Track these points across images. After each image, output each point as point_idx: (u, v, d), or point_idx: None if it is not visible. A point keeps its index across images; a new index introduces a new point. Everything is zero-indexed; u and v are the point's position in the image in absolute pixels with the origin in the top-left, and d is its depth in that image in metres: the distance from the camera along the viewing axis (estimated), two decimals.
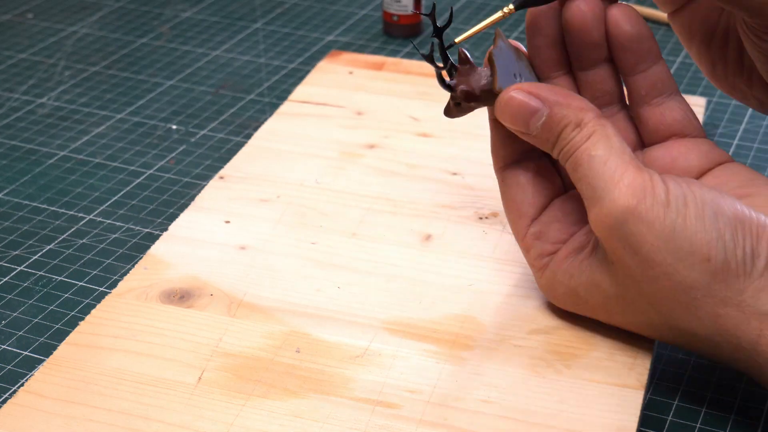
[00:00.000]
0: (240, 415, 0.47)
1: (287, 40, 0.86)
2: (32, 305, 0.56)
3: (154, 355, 0.50)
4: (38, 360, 0.52)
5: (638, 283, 0.46)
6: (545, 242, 0.51)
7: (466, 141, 0.67)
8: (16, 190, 0.66)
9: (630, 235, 0.45)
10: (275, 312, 0.53)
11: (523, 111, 0.48)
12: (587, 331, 0.51)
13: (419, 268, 0.56)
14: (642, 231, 0.45)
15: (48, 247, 0.60)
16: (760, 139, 0.71)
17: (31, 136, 0.72)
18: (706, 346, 0.47)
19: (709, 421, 0.49)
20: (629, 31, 0.50)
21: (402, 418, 0.47)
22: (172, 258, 0.56)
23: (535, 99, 0.48)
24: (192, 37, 0.87)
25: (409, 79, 0.74)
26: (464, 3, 0.93)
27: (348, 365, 0.49)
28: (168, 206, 0.64)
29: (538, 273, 0.51)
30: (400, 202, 0.61)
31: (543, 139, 0.48)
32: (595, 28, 0.50)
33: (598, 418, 0.47)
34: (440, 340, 0.51)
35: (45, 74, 0.81)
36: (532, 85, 0.49)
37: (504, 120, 0.49)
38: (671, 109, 0.51)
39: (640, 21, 0.50)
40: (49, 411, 0.47)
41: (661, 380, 0.51)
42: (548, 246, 0.51)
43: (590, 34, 0.50)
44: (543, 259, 0.51)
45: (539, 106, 0.48)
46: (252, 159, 0.65)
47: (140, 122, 0.74)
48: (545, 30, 0.51)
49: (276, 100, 0.76)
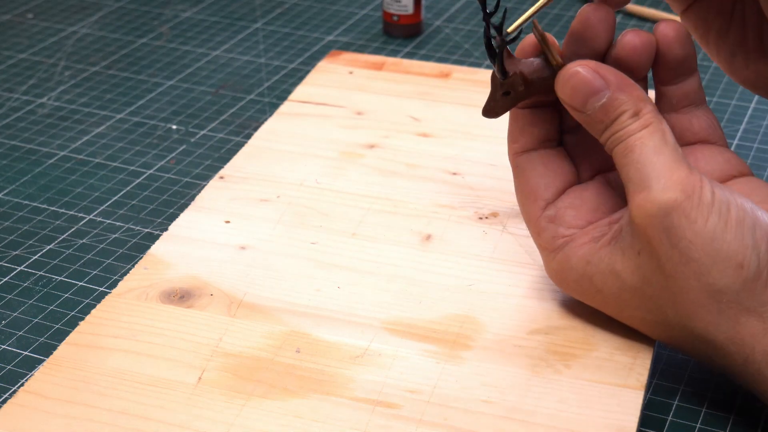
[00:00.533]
0: (240, 415, 0.47)
1: (287, 40, 0.86)
2: (32, 305, 0.56)
3: (154, 355, 0.50)
4: (38, 360, 0.52)
5: (666, 277, 0.46)
6: (560, 226, 0.50)
7: (466, 141, 0.67)
8: (16, 190, 0.66)
9: (672, 227, 0.45)
10: (275, 312, 0.53)
11: (586, 88, 0.48)
12: (587, 331, 0.51)
13: (419, 268, 0.56)
14: (683, 225, 0.45)
15: (48, 247, 0.60)
16: (760, 139, 0.71)
17: (31, 136, 0.72)
18: (716, 354, 0.46)
19: (709, 421, 0.49)
20: (679, 54, 0.50)
21: (402, 418, 0.47)
22: (172, 258, 0.56)
23: (600, 79, 0.48)
24: (192, 37, 0.87)
25: (409, 79, 0.74)
26: (464, 3, 0.93)
27: (348, 365, 0.49)
28: (168, 206, 0.64)
29: (550, 255, 0.51)
30: (400, 202, 0.61)
31: (596, 120, 0.48)
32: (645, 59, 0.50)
33: (598, 418, 0.47)
34: (440, 340, 0.51)
35: (45, 74, 0.81)
36: (597, 63, 0.48)
37: (563, 94, 0.48)
38: (698, 118, 0.51)
39: (689, 41, 0.50)
40: (49, 411, 0.47)
41: (661, 380, 0.51)
42: (563, 230, 0.50)
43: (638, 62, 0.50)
44: (557, 241, 0.50)
45: (603, 87, 0.47)
46: (252, 159, 0.65)
47: (140, 122, 0.74)
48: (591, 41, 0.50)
49: (276, 100, 0.76)
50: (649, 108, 0.47)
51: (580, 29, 0.50)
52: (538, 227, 0.51)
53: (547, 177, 0.51)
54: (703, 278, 0.45)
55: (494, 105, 0.50)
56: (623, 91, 0.47)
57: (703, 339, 0.46)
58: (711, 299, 0.45)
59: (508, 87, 0.50)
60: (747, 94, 0.76)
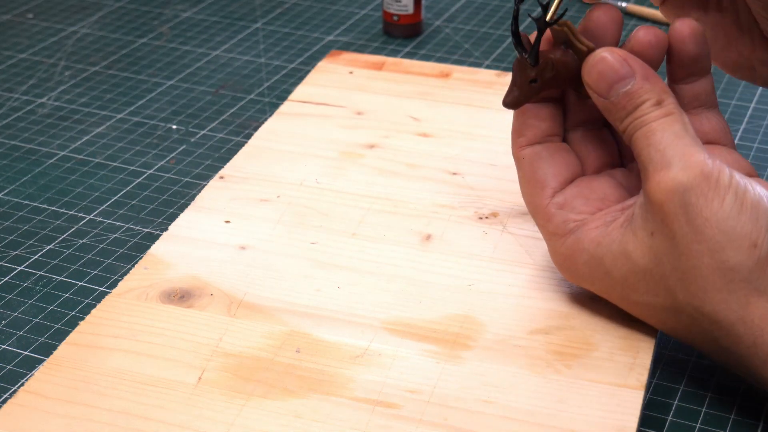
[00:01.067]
0: (240, 415, 0.47)
1: (287, 40, 0.86)
2: (32, 305, 0.56)
3: (154, 355, 0.50)
4: (38, 360, 0.52)
5: (678, 255, 0.46)
6: (569, 212, 0.51)
7: (466, 141, 0.67)
8: (16, 190, 0.66)
9: (689, 205, 0.46)
10: (275, 312, 0.53)
11: (613, 74, 0.48)
12: (587, 331, 0.51)
13: (419, 268, 0.56)
14: (700, 204, 0.46)
15: (48, 247, 0.60)
16: (760, 139, 0.71)
17: (31, 136, 0.72)
18: (724, 336, 0.46)
19: (709, 421, 0.49)
20: (693, 51, 0.51)
21: (402, 418, 0.47)
22: (172, 258, 0.56)
23: (627, 66, 0.48)
24: (192, 37, 0.87)
25: (409, 79, 0.74)
26: (464, 3, 0.93)
27: (348, 365, 0.49)
28: (168, 206, 0.64)
29: (560, 241, 0.51)
30: (400, 202, 0.61)
31: (618, 107, 0.49)
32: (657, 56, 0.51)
33: (598, 418, 0.47)
34: (440, 340, 0.51)
35: (45, 74, 0.81)
36: (624, 51, 0.49)
37: (589, 78, 0.49)
38: (709, 120, 0.52)
39: (704, 41, 0.51)
40: (49, 411, 0.47)
41: (661, 380, 0.51)
42: (573, 215, 0.51)
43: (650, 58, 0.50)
44: (569, 224, 0.51)
45: (629, 74, 0.48)
46: (252, 159, 0.65)
47: (140, 122, 0.74)
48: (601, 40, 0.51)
49: (276, 100, 0.76)
50: (671, 100, 0.48)
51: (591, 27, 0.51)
52: (547, 214, 0.51)
53: (554, 167, 0.52)
54: (716, 255, 0.45)
55: (518, 94, 0.51)
56: (648, 80, 0.48)
57: (712, 320, 0.46)
58: (723, 278, 0.46)
59: (537, 74, 0.50)
60: (747, 94, 0.76)
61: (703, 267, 0.46)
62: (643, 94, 0.48)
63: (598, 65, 0.49)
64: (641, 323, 0.51)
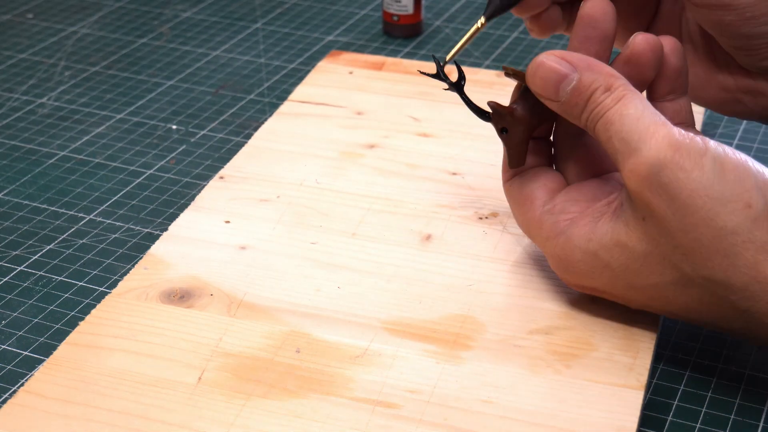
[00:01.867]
0: (240, 415, 0.47)
1: (287, 40, 0.86)
2: (32, 305, 0.56)
3: (154, 355, 0.50)
4: (38, 360, 0.52)
5: (674, 234, 0.46)
6: (559, 214, 0.51)
7: (466, 141, 0.67)
8: (16, 190, 0.66)
9: (667, 184, 0.45)
10: (275, 312, 0.53)
11: (554, 76, 0.49)
12: (587, 332, 0.51)
13: (419, 268, 0.56)
14: (680, 178, 0.45)
15: (48, 247, 0.60)
16: (760, 139, 0.71)
17: (31, 136, 0.72)
18: (739, 298, 0.46)
19: (709, 421, 0.49)
20: (675, 64, 0.52)
21: (402, 418, 0.47)
22: (172, 258, 0.56)
23: (566, 64, 0.49)
24: (192, 37, 0.87)
25: (409, 79, 0.74)
26: (464, 3, 0.93)
27: (348, 365, 0.49)
28: (168, 206, 0.64)
29: (552, 243, 0.51)
30: (400, 202, 0.61)
31: (572, 104, 0.49)
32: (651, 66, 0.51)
33: (598, 418, 0.47)
34: (440, 340, 0.51)
35: (45, 74, 0.81)
36: (562, 51, 0.49)
37: (534, 86, 0.49)
38: None
39: (684, 55, 0.52)
40: (49, 411, 0.47)
41: (661, 380, 0.51)
42: (563, 216, 0.51)
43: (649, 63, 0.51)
44: (559, 225, 0.51)
45: (569, 71, 0.49)
46: (252, 159, 0.65)
47: (140, 122, 0.74)
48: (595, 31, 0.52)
49: (276, 100, 0.76)
50: (620, 82, 0.48)
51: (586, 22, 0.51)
52: (539, 222, 0.52)
53: (540, 181, 0.53)
54: (713, 223, 0.45)
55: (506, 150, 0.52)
56: (591, 70, 0.49)
57: (725, 285, 0.46)
58: (725, 243, 0.45)
59: (496, 123, 0.52)
60: None
61: (703, 238, 0.46)
62: (590, 84, 0.48)
63: (539, 71, 0.49)
64: (641, 323, 0.51)
